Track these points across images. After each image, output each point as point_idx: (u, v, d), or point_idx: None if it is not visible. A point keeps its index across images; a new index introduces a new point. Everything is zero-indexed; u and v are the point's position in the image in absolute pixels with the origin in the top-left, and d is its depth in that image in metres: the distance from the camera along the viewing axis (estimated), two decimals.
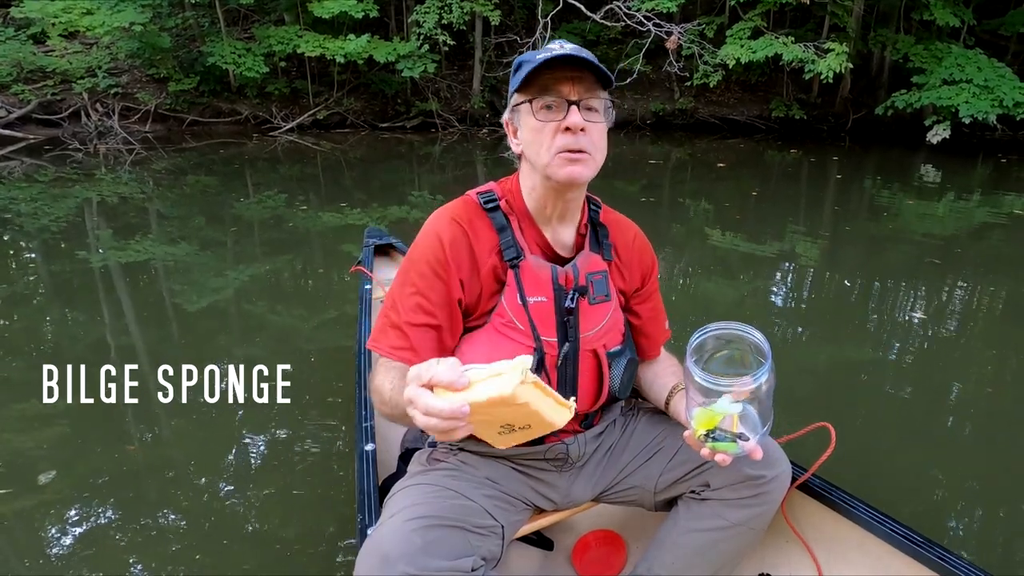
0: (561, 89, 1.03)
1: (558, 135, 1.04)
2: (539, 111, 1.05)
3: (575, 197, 1.13)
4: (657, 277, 1.31)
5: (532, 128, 1.06)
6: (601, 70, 1.04)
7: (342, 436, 2.24)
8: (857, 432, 2.31)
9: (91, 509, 1.90)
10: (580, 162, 1.05)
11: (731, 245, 4.68)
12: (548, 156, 1.05)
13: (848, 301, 3.72)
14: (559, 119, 1.04)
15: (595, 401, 1.20)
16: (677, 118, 11.06)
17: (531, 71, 1.02)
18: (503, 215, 1.14)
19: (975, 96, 8.24)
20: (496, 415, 0.81)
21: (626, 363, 1.20)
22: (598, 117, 1.07)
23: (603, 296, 1.17)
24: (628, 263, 1.24)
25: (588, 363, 1.16)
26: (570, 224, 1.17)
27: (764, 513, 1.20)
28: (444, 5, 9.50)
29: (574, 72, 1.03)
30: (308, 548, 1.75)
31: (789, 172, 7.96)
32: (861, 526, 1.26)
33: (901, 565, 1.20)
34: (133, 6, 8.92)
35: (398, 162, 8.32)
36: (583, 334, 1.14)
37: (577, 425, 1.24)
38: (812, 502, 1.33)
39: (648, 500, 1.28)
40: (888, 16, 10.10)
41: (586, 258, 1.16)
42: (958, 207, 6.12)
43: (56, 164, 7.44)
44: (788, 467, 1.23)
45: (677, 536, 1.23)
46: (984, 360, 2.97)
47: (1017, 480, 2.08)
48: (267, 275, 3.97)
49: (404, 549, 0.95)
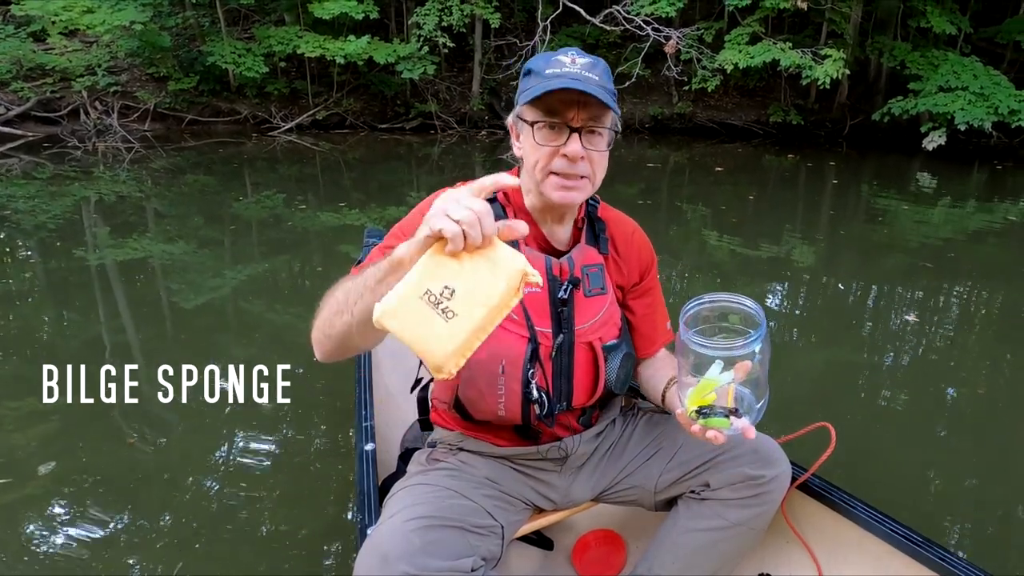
0: (566, 114, 1.02)
1: (556, 158, 1.04)
2: (540, 131, 1.04)
3: (570, 208, 1.15)
4: (656, 275, 1.31)
5: (531, 145, 1.06)
6: (608, 102, 1.01)
7: (342, 436, 2.24)
8: (856, 432, 2.32)
9: (89, 508, 1.90)
10: (575, 188, 1.06)
11: (728, 248, 4.70)
12: (543, 175, 1.06)
13: (843, 304, 3.75)
14: (558, 144, 1.03)
15: (591, 394, 1.19)
16: (675, 122, 11.09)
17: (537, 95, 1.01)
18: (501, 207, 1.14)
19: (971, 103, 8.30)
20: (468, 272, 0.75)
21: (622, 357, 1.19)
22: (601, 143, 1.06)
23: (599, 289, 1.16)
24: (626, 257, 1.24)
25: (584, 355, 1.16)
26: (567, 222, 1.19)
27: (764, 513, 1.20)
28: (444, 7, 9.52)
29: (582, 96, 1.01)
30: (308, 548, 1.74)
31: (786, 177, 8.00)
32: (861, 526, 1.26)
33: (901, 565, 1.20)
34: (134, 5, 8.91)
35: (397, 163, 8.34)
36: (578, 326, 1.14)
37: (576, 423, 1.23)
38: (812, 502, 1.33)
39: (648, 500, 1.28)
40: (886, 23, 10.16)
41: (581, 251, 1.16)
42: (953, 213, 6.16)
43: (55, 162, 7.43)
44: (788, 467, 1.23)
45: (677, 536, 1.23)
46: (981, 361, 3.00)
47: (1016, 479, 2.10)
48: (265, 274, 3.98)
49: (404, 549, 0.94)
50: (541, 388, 1.11)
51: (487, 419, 1.16)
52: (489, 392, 1.11)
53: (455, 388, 1.14)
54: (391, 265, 0.82)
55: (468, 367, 1.00)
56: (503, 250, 0.77)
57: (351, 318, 0.88)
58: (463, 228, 0.73)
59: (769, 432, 1.24)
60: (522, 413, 1.12)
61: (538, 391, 1.10)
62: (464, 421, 1.20)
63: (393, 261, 0.81)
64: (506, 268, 0.75)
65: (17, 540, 1.78)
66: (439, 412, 1.27)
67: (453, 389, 1.14)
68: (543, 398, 1.11)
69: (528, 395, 1.10)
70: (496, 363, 1.08)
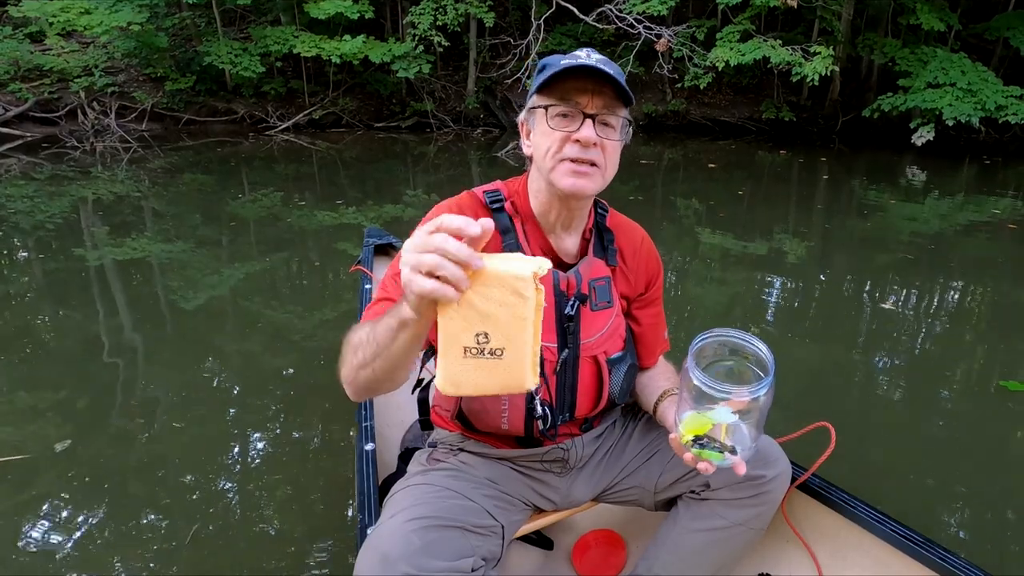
0: (580, 100, 1.01)
1: (568, 144, 1.02)
2: (553, 118, 1.02)
3: (581, 207, 1.11)
4: (661, 285, 1.29)
5: (543, 133, 1.04)
6: (623, 87, 1.00)
7: (342, 435, 2.23)
8: (856, 431, 2.31)
9: (89, 507, 1.88)
10: (586, 175, 1.02)
11: (720, 243, 4.77)
12: (553, 162, 1.03)
13: (833, 298, 3.79)
14: (572, 129, 1.01)
15: (594, 406, 1.18)
16: (669, 119, 11.17)
17: (553, 75, 1.00)
18: (507, 217, 1.11)
19: (958, 99, 8.40)
20: (485, 309, 0.72)
21: (626, 369, 1.18)
22: (614, 134, 1.04)
23: (605, 302, 1.14)
24: (634, 268, 1.22)
25: (588, 369, 1.15)
26: (575, 231, 1.16)
27: (764, 513, 1.20)
28: (439, 6, 9.59)
29: (596, 84, 1.00)
30: (307, 547, 1.74)
31: (778, 173, 8.07)
32: (861, 526, 1.26)
33: (901, 565, 1.20)
34: (131, 6, 8.97)
35: (393, 161, 8.38)
36: (583, 340, 1.13)
37: (576, 429, 1.23)
38: (812, 502, 1.33)
39: (648, 500, 1.27)
40: (877, 20, 10.25)
41: (589, 264, 1.14)
42: (941, 207, 6.24)
43: (53, 162, 7.47)
44: (788, 467, 1.22)
45: (677, 536, 1.22)
46: (978, 358, 2.99)
47: (1016, 479, 2.10)
48: (264, 273, 3.99)
49: (404, 549, 0.94)
50: (545, 402, 1.10)
51: (490, 431, 1.16)
52: (492, 407, 1.10)
53: (458, 400, 1.13)
54: (399, 324, 0.80)
55: None
56: (501, 264, 0.72)
57: (374, 374, 0.89)
58: (443, 277, 0.69)
59: (769, 432, 1.20)
60: (525, 427, 1.12)
61: (542, 406, 1.09)
62: (465, 428, 1.20)
63: (400, 320, 0.79)
64: (516, 283, 0.71)
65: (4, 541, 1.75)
66: (439, 414, 1.26)
67: (456, 401, 1.13)
68: (547, 412, 1.09)
69: (532, 410, 1.09)
70: None
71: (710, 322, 3.39)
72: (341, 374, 0.96)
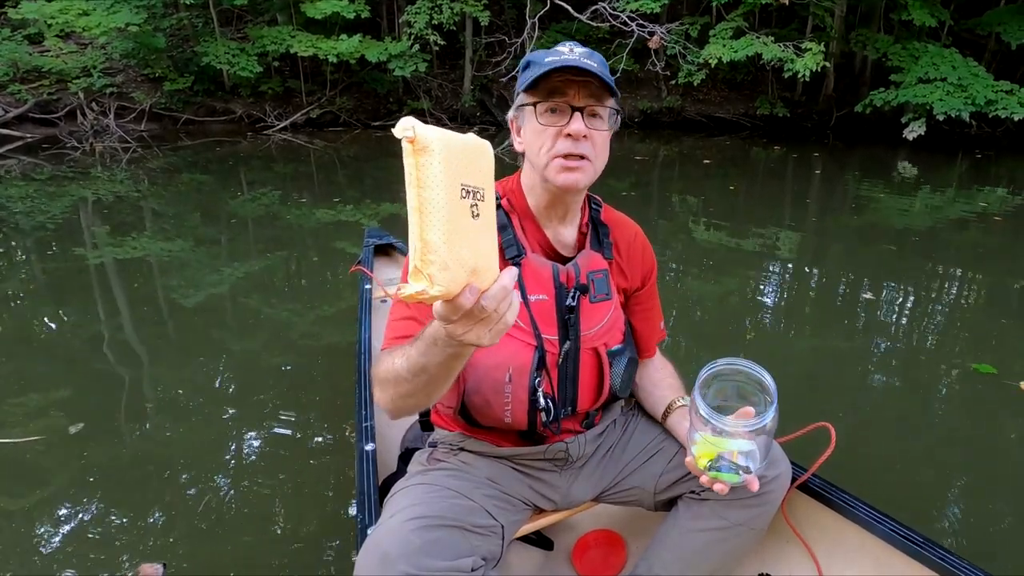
0: (567, 94, 1.03)
1: (559, 140, 1.04)
2: (543, 114, 1.05)
3: (574, 200, 1.14)
4: (655, 278, 1.31)
5: (534, 130, 1.07)
6: (607, 79, 1.03)
7: (342, 435, 2.23)
8: (856, 431, 2.30)
9: (85, 507, 1.89)
10: (578, 170, 1.05)
11: (715, 238, 4.82)
12: (547, 159, 1.06)
13: (826, 293, 3.82)
14: (562, 124, 1.04)
15: (596, 399, 1.19)
16: (664, 116, 11.24)
17: (539, 75, 1.02)
18: (504, 213, 1.13)
19: (949, 94, 8.47)
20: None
21: (627, 362, 1.20)
22: (602, 124, 1.07)
23: (604, 294, 1.16)
24: (630, 262, 1.24)
25: (589, 361, 1.16)
26: (571, 224, 1.18)
27: (764, 513, 1.20)
28: (435, 5, 9.65)
29: (582, 77, 1.03)
30: (307, 547, 1.73)
31: (773, 168, 8.13)
32: (861, 526, 1.26)
33: (901, 565, 1.20)
34: (128, 7, 9.01)
35: (391, 160, 8.40)
36: (584, 332, 1.14)
37: (578, 425, 1.23)
38: (812, 502, 1.32)
39: (648, 500, 1.28)
40: (870, 16, 10.31)
41: (587, 256, 1.15)
42: (932, 201, 6.31)
43: (53, 163, 7.51)
44: (788, 467, 1.22)
45: (677, 536, 1.23)
46: (976, 354, 2.97)
47: (1016, 478, 2.10)
48: (263, 272, 4.01)
49: (404, 549, 0.94)
50: (547, 395, 1.11)
51: (492, 425, 1.16)
52: (495, 400, 1.10)
53: (461, 395, 1.13)
54: (454, 355, 0.80)
55: (475, 374, 1.10)
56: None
57: (427, 399, 0.92)
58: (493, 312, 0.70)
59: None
60: (528, 420, 1.12)
61: (545, 399, 1.10)
62: (467, 425, 1.20)
63: (427, 338, 0.81)
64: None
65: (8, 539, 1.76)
66: (440, 413, 1.26)
67: (459, 396, 1.13)
68: (549, 405, 1.10)
69: (535, 403, 1.10)
70: (502, 371, 1.08)
71: (705, 317, 3.45)
72: (379, 402, 0.97)
